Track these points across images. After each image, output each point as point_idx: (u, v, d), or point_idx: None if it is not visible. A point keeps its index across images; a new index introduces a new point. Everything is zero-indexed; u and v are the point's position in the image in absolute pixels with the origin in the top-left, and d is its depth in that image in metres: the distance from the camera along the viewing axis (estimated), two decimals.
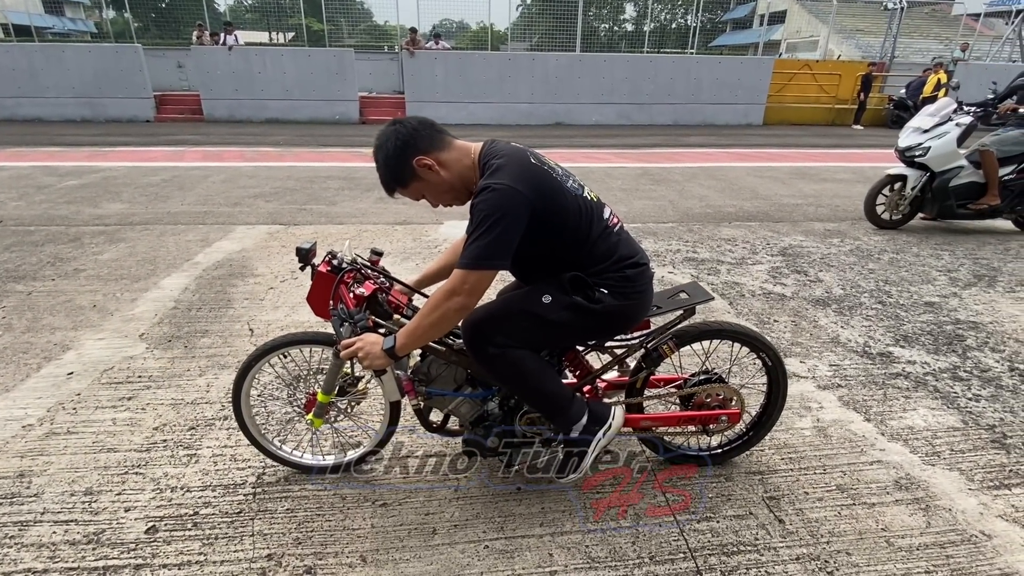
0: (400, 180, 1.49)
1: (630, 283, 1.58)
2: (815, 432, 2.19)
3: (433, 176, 1.48)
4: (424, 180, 1.49)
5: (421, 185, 1.50)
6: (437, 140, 1.49)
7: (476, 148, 1.52)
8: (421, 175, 1.47)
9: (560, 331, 1.60)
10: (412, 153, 1.45)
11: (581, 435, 1.68)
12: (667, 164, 8.07)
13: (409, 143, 1.45)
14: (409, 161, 1.45)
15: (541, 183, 1.44)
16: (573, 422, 1.67)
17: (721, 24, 32.25)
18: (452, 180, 1.50)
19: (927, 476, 1.96)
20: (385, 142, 1.46)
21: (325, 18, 14.41)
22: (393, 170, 1.48)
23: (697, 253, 4.28)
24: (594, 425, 1.69)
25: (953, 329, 3.11)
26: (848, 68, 14.67)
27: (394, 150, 1.45)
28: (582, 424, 1.68)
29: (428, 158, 1.46)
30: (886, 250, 4.49)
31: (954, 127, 4.70)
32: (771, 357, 1.84)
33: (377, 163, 1.49)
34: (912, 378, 2.60)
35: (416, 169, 1.46)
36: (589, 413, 1.69)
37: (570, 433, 1.68)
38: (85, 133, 10.27)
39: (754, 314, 3.24)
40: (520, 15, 20.23)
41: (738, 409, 1.88)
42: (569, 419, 1.67)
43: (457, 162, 1.49)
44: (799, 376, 2.58)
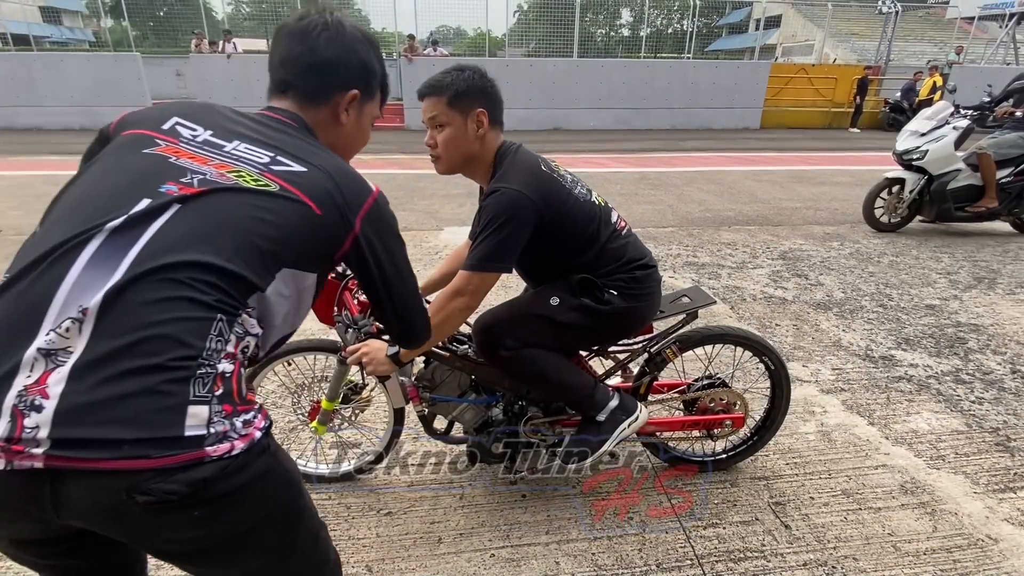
0: (457, 101, 1.41)
1: (639, 284, 1.59)
2: (819, 436, 2.19)
3: (471, 131, 1.45)
4: (463, 128, 1.44)
5: (458, 127, 1.44)
6: (498, 114, 1.49)
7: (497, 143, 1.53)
8: (468, 120, 1.44)
9: (569, 332, 1.60)
10: (482, 99, 1.44)
11: (608, 419, 1.67)
12: (665, 168, 8.10)
13: (489, 91, 1.46)
14: (476, 100, 1.43)
15: (550, 190, 1.46)
16: (601, 406, 1.67)
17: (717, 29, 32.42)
18: (477, 150, 1.49)
19: (932, 480, 1.96)
20: (474, 70, 1.43)
21: None
22: (461, 90, 1.41)
23: (697, 257, 4.28)
24: (622, 413, 1.68)
25: (954, 332, 3.11)
26: (844, 72, 14.75)
27: (476, 80, 1.42)
28: (611, 407, 1.67)
29: (486, 116, 1.45)
30: (886, 253, 4.50)
31: (951, 130, 4.72)
32: (774, 361, 1.84)
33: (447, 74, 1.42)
34: (915, 381, 2.60)
35: (473, 112, 1.43)
36: (620, 400, 1.69)
37: (598, 417, 1.67)
38: (84, 142, 10.08)
39: (756, 318, 3.25)
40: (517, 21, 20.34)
41: (742, 413, 1.88)
42: (596, 403, 1.67)
43: (491, 142, 1.50)
44: (802, 380, 2.58)
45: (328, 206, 0.84)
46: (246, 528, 0.77)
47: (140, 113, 0.91)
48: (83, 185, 0.82)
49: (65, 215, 0.78)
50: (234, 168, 0.82)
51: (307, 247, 0.84)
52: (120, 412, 0.66)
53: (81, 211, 0.76)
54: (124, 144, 0.85)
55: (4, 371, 0.66)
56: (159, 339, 0.69)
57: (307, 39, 0.94)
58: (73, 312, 0.68)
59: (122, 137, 0.86)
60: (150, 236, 0.73)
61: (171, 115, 0.88)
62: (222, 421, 0.72)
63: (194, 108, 0.90)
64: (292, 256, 0.83)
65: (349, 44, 0.97)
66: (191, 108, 0.90)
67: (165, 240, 0.73)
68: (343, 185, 0.87)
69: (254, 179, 0.81)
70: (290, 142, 0.89)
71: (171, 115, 0.88)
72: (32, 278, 0.71)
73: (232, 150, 0.84)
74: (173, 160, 0.81)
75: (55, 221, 0.78)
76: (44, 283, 0.70)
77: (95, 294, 0.69)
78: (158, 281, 0.71)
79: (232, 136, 0.87)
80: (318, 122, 0.97)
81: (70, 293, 0.69)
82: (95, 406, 0.66)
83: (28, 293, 0.70)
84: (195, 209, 0.76)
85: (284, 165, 0.84)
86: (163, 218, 0.74)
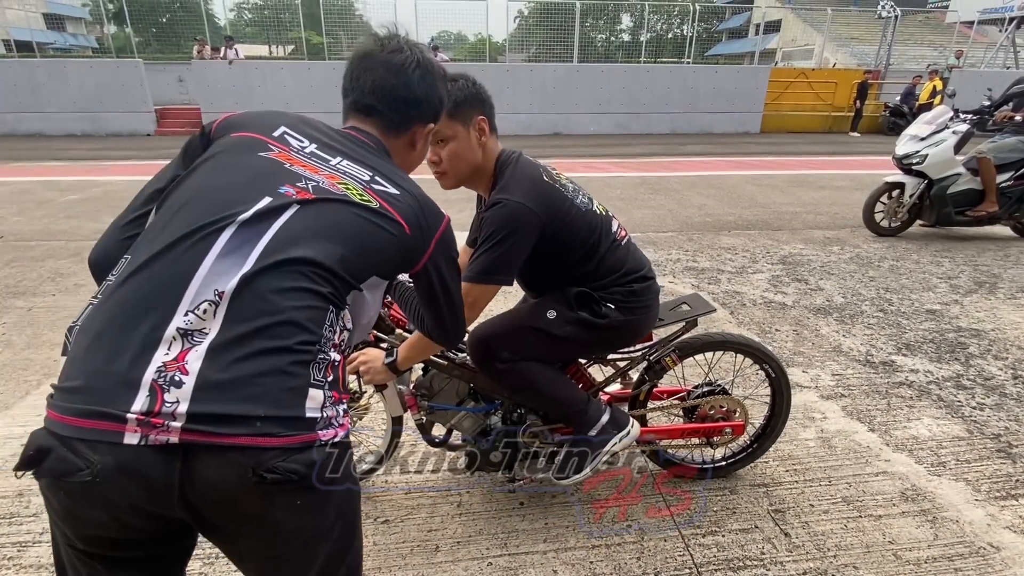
0: (458, 112, 1.37)
1: (636, 297, 1.59)
2: (819, 443, 2.18)
3: (473, 140, 1.42)
4: (467, 138, 1.41)
5: (462, 139, 1.40)
6: (494, 120, 1.47)
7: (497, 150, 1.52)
8: (470, 130, 1.41)
9: (565, 345, 1.59)
10: (480, 106, 1.41)
11: (599, 436, 1.67)
12: (665, 173, 8.11)
13: (484, 97, 1.43)
14: (475, 108, 1.40)
15: (552, 201, 1.45)
16: (593, 423, 1.66)
17: (717, 34, 32.54)
18: (478, 161, 1.46)
19: (933, 487, 1.94)
20: (465, 78, 1.40)
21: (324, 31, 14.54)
22: (460, 100, 1.37)
23: (697, 262, 4.28)
24: (613, 428, 1.68)
25: (955, 337, 3.10)
26: (844, 76, 14.77)
27: (471, 88, 1.39)
28: (602, 423, 1.67)
29: (486, 123, 1.44)
30: (886, 257, 4.49)
31: (951, 135, 4.72)
32: (774, 368, 1.83)
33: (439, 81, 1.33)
34: (915, 387, 2.59)
35: (474, 120, 1.41)
36: (611, 415, 1.69)
37: (589, 433, 1.67)
38: (86, 147, 10.32)
39: (755, 323, 3.24)
40: (518, 26, 20.41)
41: (742, 421, 1.88)
42: (588, 420, 1.66)
43: (491, 149, 1.48)
44: (802, 386, 2.57)
45: (415, 227, 0.94)
46: (327, 526, 0.82)
47: (245, 117, 0.98)
48: (202, 178, 0.88)
49: (189, 205, 0.84)
50: (342, 181, 0.90)
51: (393, 260, 0.95)
52: (253, 390, 0.72)
53: (205, 202, 0.83)
54: (239, 145, 0.92)
55: (140, 347, 0.71)
56: (286, 324, 0.76)
57: (402, 75, 1.01)
58: (210, 295, 0.74)
59: (233, 138, 0.93)
60: (275, 231, 0.80)
61: (279, 124, 0.96)
62: (331, 407, 0.80)
63: (296, 121, 0.98)
64: (381, 265, 0.92)
65: (435, 83, 1.06)
66: (295, 120, 0.98)
67: (287, 236, 0.80)
68: (426, 210, 0.97)
69: (359, 193, 0.89)
70: (381, 164, 0.98)
71: (279, 124, 0.96)
72: (168, 260, 0.77)
73: (337, 164, 0.93)
74: (288, 166, 0.89)
75: (178, 209, 0.84)
76: (182, 266, 0.76)
77: (230, 279, 0.75)
78: (283, 272, 0.78)
79: (334, 152, 0.95)
80: (395, 148, 1.07)
81: (207, 276, 0.76)
82: (232, 383, 0.71)
83: (163, 274, 0.77)
84: (312, 212, 0.84)
85: (382, 185, 0.94)
86: (285, 216, 0.82)
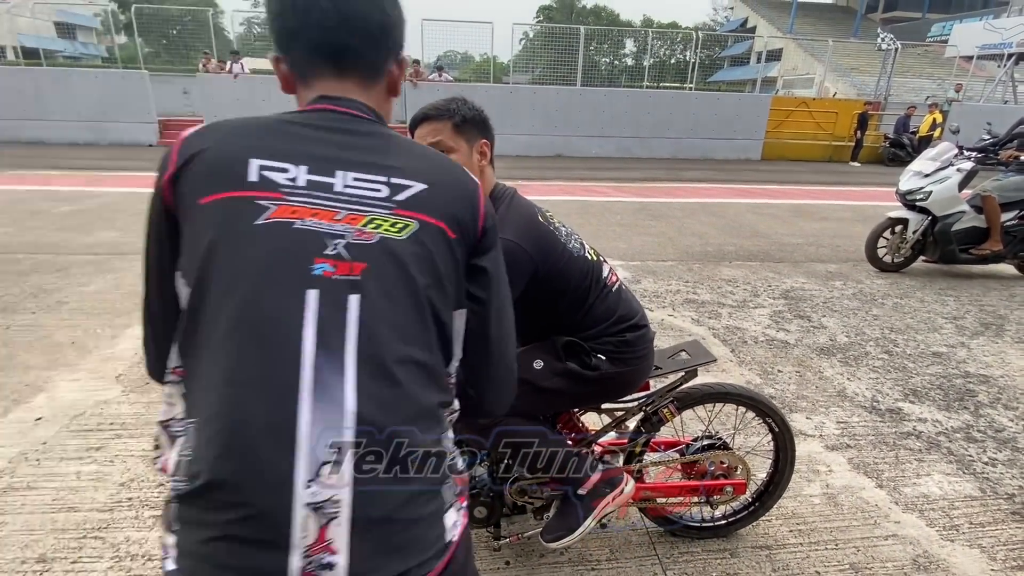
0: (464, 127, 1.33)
1: (629, 348, 1.49)
2: (825, 500, 2.06)
3: (474, 161, 1.36)
4: (469, 156, 1.35)
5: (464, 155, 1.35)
6: (493, 152, 1.42)
7: None
8: (473, 149, 1.36)
9: (552, 398, 1.50)
10: (485, 131, 1.37)
11: (590, 494, 1.56)
12: (666, 199, 8.07)
13: (489, 125, 1.39)
14: (480, 131, 1.36)
15: (546, 243, 1.37)
16: (583, 481, 1.56)
17: (719, 60, 33.02)
18: None
19: (946, 554, 1.83)
20: (471, 104, 1.36)
21: None
22: (468, 117, 1.34)
23: (697, 294, 4.19)
24: (606, 487, 1.57)
25: (963, 383, 3.00)
26: (844, 106, 14.89)
27: (478, 112, 1.36)
28: (593, 480, 1.56)
29: (489, 148, 1.38)
30: (890, 295, 4.41)
31: (955, 172, 4.68)
32: (778, 423, 1.73)
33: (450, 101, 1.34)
34: (924, 438, 2.48)
35: (477, 142, 1.36)
36: (603, 473, 1.58)
37: (579, 491, 1.56)
38: (87, 157, 10.30)
39: (757, 363, 3.14)
40: (523, 48, 20.65)
41: (744, 479, 1.77)
42: (579, 479, 1.56)
43: (488, 179, 1.41)
44: (806, 435, 2.46)
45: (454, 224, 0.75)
46: None
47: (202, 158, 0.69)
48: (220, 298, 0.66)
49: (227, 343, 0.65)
50: (365, 218, 0.69)
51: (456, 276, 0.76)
52: (400, 541, 0.66)
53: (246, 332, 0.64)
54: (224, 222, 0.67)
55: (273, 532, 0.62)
56: (413, 460, 0.68)
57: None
58: (325, 454, 0.63)
59: (209, 209, 0.67)
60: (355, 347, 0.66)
61: (246, 157, 0.69)
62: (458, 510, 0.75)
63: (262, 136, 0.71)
64: (455, 292, 0.76)
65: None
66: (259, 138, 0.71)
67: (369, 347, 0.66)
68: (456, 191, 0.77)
69: (391, 224, 0.70)
70: (387, 148, 0.74)
71: (246, 157, 0.69)
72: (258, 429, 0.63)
73: (344, 189, 0.70)
74: (298, 225, 0.67)
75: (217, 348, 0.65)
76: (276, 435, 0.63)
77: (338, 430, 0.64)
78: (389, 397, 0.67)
79: (330, 165, 0.70)
80: (379, 104, 0.79)
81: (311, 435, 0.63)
82: (379, 551, 0.65)
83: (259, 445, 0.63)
84: (374, 297, 0.67)
85: (405, 190, 0.72)
86: (351, 317, 0.66)
